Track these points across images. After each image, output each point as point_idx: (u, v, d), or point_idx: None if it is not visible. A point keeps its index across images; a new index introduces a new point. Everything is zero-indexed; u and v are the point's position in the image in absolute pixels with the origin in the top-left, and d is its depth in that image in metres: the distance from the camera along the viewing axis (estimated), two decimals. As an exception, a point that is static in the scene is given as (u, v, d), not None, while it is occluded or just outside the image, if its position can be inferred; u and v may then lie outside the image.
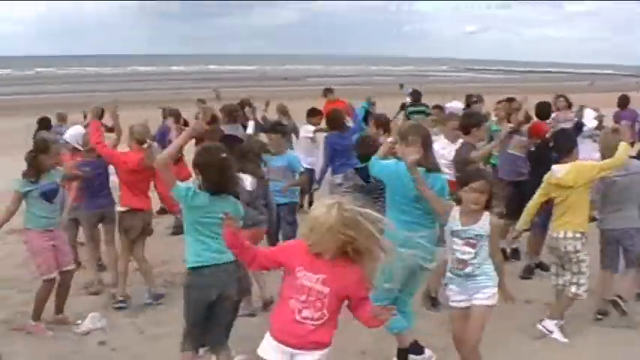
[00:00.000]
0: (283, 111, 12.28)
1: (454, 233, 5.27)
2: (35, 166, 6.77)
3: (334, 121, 9.80)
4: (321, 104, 13.83)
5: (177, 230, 9.47)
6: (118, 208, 7.75)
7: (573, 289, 6.57)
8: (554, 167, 6.64)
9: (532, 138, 8.98)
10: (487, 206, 5.24)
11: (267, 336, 4.00)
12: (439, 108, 12.04)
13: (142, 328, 7.04)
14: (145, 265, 7.82)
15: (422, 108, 14.07)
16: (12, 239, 9.99)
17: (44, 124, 11.09)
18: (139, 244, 7.75)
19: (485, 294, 5.23)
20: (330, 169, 9.60)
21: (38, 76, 73.89)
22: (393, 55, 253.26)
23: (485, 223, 5.22)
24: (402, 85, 15.46)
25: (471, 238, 5.23)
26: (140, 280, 7.92)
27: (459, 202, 5.30)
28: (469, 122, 7.76)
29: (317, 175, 10.27)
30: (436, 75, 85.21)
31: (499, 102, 10.82)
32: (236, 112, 10.42)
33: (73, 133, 8.34)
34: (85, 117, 11.00)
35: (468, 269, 5.25)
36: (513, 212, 8.92)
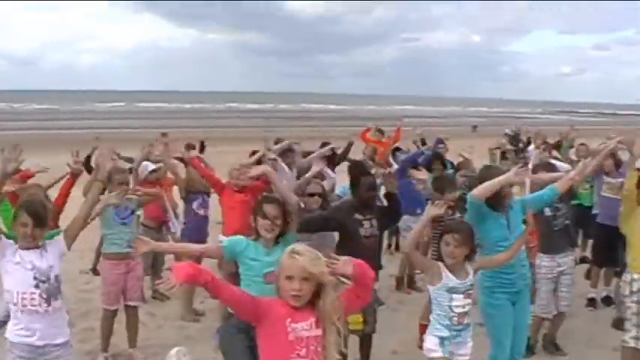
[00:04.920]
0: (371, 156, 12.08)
1: (453, 290, 5.18)
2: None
3: None
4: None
5: None
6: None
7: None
8: None
9: None
10: (469, 258, 5.25)
11: None
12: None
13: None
14: None
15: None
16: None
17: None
18: None
19: (470, 347, 5.36)
20: None
21: (139, 110, 75.96)
22: (488, 97, 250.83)
23: (471, 270, 5.26)
24: (474, 127, 15.29)
25: (469, 289, 5.23)
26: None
27: (439, 257, 5.35)
28: None
29: None
30: (528, 117, 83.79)
31: (581, 144, 10.94)
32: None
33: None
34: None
35: (467, 320, 5.28)
36: (602, 259, 8.73)
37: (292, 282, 3.55)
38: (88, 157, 10.01)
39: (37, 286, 4.72)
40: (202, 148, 13.27)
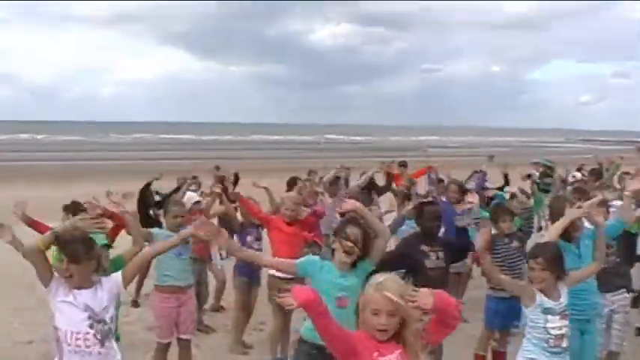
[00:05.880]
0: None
1: (548, 310, 5.08)
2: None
3: None
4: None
5: None
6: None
7: None
8: None
9: None
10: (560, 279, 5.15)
11: None
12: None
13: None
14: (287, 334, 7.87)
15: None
16: (142, 303, 10.19)
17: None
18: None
19: None
20: None
21: (161, 141, 76.60)
22: (509, 126, 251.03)
23: (564, 290, 5.16)
24: (491, 157, 15.10)
25: (564, 310, 5.12)
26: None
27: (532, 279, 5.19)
28: None
29: None
30: (549, 146, 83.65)
31: (625, 173, 10.93)
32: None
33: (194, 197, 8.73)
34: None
35: (565, 343, 5.13)
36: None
37: (379, 317, 3.45)
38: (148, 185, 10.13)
39: (91, 326, 4.53)
40: (236, 181, 13.33)
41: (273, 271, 7.49)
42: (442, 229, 8.68)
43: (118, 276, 4.75)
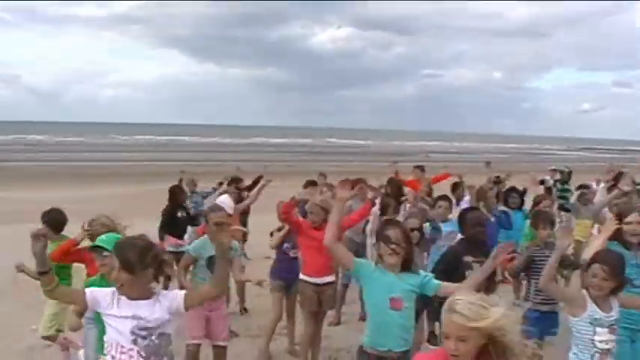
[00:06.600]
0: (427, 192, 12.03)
1: (597, 322, 4.87)
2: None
3: None
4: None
5: None
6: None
7: None
8: None
9: None
10: (615, 292, 4.92)
11: None
12: None
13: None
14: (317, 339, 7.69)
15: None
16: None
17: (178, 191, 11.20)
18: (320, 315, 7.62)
19: None
20: None
21: (161, 143, 76.60)
22: (509, 133, 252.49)
23: (615, 305, 4.95)
24: (488, 163, 14.87)
25: (613, 324, 4.90)
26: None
27: (586, 287, 4.97)
28: None
29: None
30: (549, 154, 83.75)
31: None
32: None
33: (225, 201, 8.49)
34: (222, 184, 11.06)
35: (610, 359, 4.94)
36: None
37: (448, 341, 3.18)
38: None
39: (134, 342, 4.06)
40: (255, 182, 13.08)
41: (304, 277, 7.39)
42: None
43: (180, 294, 4.23)
